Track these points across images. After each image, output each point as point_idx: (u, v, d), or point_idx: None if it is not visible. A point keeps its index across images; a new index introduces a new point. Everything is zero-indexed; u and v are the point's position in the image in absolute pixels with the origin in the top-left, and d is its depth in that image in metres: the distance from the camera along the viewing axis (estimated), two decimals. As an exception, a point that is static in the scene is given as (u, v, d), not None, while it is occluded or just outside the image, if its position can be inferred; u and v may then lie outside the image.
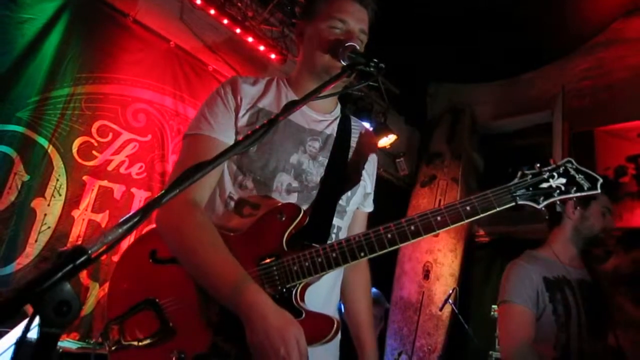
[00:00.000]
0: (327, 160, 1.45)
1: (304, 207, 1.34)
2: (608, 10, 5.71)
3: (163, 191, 0.73)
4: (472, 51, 5.91)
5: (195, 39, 4.59)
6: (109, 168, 3.90)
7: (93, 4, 3.87)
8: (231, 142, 1.37)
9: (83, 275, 3.65)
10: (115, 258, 3.91)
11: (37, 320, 0.63)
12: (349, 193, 1.50)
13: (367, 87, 5.75)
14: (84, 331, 3.54)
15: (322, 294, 1.38)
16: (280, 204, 1.32)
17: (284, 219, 1.27)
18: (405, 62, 5.29)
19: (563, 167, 1.20)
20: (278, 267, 1.23)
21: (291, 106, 1.04)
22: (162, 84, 4.29)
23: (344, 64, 1.31)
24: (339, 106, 1.64)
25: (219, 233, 1.27)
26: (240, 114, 1.42)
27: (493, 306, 5.15)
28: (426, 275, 6.23)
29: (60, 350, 2.68)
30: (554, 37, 5.74)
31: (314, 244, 1.27)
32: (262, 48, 4.76)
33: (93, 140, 3.81)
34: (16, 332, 2.57)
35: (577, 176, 1.19)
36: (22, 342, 0.66)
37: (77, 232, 3.67)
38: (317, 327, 1.19)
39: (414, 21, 5.35)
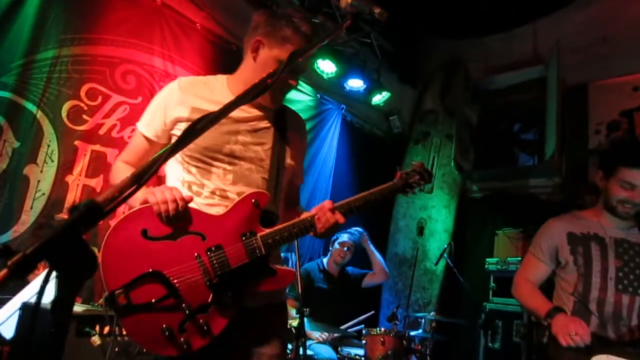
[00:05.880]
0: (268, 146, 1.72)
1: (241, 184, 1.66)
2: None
3: (174, 142, 0.72)
4: (465, 5, 5.77)
5: (182, -5, 4.44)
6: (101, 132, 3.83)
7: (74, -39, 3.70)
8: None
9: (81, 240, 3.65)
10: (113, 222, 3.90)
11: (53, 276, 0.62)
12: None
13: (360, 43, 5.62)
14: (86, 295, 3.58)
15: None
16: (252, 192, 1.62)
17: (257, 204, 1.60)
18: (399, 18, 5.17)
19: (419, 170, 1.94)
20: (257, 241, 1.57)
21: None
22: (150, 43, 4.16)
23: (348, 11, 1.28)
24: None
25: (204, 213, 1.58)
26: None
27: (487, 259, 5.27)
28: (420, 231, 6.32)
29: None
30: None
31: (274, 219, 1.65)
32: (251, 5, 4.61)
33: (82, 104, 3.73)
34: (19, 299, 2.57)
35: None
36: (38, 303, 0.66)
37: (72, 198, 3.64)
38: (286, 277, 1.65)
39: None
